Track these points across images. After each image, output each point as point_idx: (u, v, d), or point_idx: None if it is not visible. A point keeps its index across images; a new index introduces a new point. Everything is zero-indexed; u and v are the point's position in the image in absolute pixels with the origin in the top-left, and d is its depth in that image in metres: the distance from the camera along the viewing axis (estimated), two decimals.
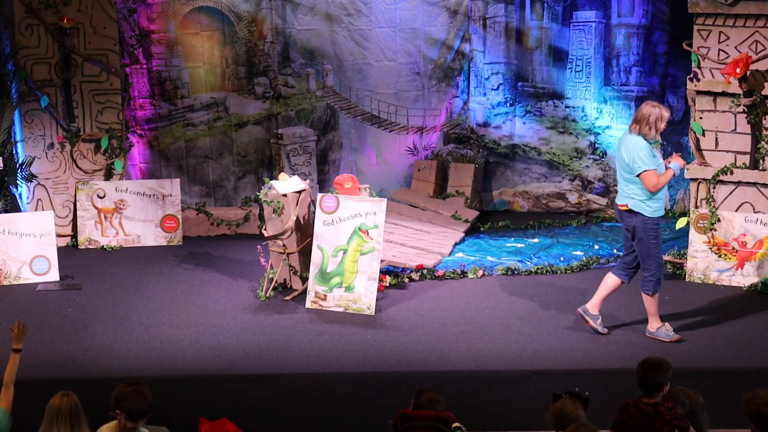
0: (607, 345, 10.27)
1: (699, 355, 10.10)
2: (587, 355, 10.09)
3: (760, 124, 11.38)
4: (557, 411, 7.37)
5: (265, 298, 11.29)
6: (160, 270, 12.21)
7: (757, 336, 10.43)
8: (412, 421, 7.63)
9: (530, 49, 13.88)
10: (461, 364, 9.96)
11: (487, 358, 10.06)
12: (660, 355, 10.04)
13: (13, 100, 12.58)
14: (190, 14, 13.42)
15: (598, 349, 10.19)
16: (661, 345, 10.25)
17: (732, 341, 10.34)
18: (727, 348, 10.22)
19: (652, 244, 10.06)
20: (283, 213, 11.25)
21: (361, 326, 10.68)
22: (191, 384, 9.73)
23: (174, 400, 9.16)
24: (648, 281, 10.16)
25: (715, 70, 11.51)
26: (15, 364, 7.95)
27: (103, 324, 10.82)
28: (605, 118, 13.74)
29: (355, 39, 13.75)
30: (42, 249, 11.89)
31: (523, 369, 9.89)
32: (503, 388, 9.78)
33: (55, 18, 12.55)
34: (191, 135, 13.65)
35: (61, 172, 12.93)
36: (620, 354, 10.09)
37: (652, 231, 10.04)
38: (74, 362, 10.01)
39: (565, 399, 7.49)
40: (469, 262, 12.15)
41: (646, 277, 10.16)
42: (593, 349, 10.20)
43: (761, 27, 11.29)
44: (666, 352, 10.11)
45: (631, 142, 9.95)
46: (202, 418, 8.11)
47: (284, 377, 9.88)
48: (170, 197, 12.99)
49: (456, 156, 14.05)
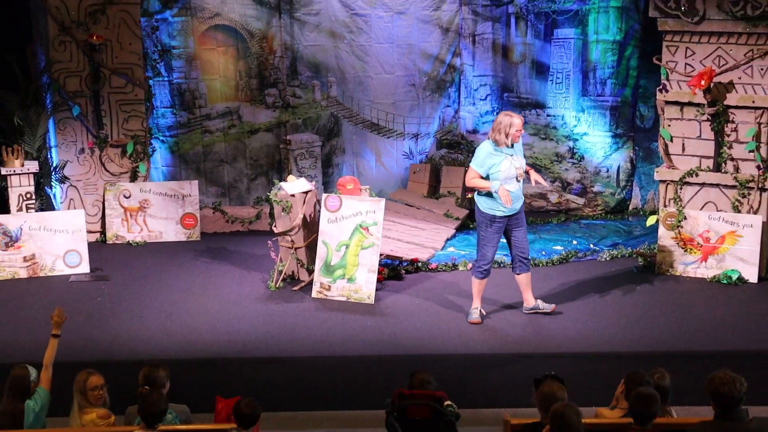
0: (584, 331, 10.29)
1: (667, 339, 10.12)
2: (566, 340, 10.11)
3: (723, 131, 11.40)
4: (546, 393, 7.35)
5: (275, 288, 11.32)
6: (180, 263, 12.22)
7: (719, 322, 10.45)
8: (408, 400, 7.64)
9: (515, 63, 13.89)
10: (452, 348, 9.98)
11: (475, 342, 10.08)
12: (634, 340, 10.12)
13: (48, 110, 12.61)
14: (207, 32, 13.43)
15: (576, 335, 10.20)
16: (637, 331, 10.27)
17: (696, 327, 10.35)
18: (692, 333, 10.23)
19: (483, 235, 10.12)
20: (292, 211, 11.26)
21: (362, 314, 10.70)
22: (208, 366, 9.75)
23: (193, 381, 9.18)
24: (474, 267, 10.35)
25: (682, 82, 11.51)
26: (54, 348, 7.99)
27: (129, 311, 10.84)
28: (583, 126, 13.75)
29: (357, 54, 13.76)
30: (74, 244, 11.91)
31: (508, 353, 9.91)
32: (490, 369, 9.80)
33: (86, 35, 12.55)
34: (208, 141, 13.66)
35: (91, 174, 12.93)
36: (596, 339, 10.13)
37: (483, 223, 10.07)
38: (103, 346, 10.03)
39: (552, 382, 7.50)
40: (459, 256, 12.18)
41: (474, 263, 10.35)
42: (571, 335, 10.22)
43: (723, 43, 11.30)
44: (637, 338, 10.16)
45: (480, 144, 10.17)
46: (218, 397, 8.16)
47: (292, 360, 9.90)
48: (189, 197, 13.01)
49: (448, 160, 14.07)
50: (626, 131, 13.65)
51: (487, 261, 10.19)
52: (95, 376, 7.83)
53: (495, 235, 10.08)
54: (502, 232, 10.11)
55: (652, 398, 7.35)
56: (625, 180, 13.76)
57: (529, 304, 10.50)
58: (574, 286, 11.34)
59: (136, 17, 12.78)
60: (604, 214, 13.69)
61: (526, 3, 13.61)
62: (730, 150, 11.38)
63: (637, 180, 13.76)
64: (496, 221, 10.00)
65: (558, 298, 10.85)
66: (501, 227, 10.07)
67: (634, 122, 13.66)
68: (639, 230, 12.87)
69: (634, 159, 13.70)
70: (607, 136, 13.70)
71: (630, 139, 13.68)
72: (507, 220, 10.04)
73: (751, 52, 11.23)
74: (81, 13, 12.54)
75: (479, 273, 10.26)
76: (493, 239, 10.10)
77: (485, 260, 10.19)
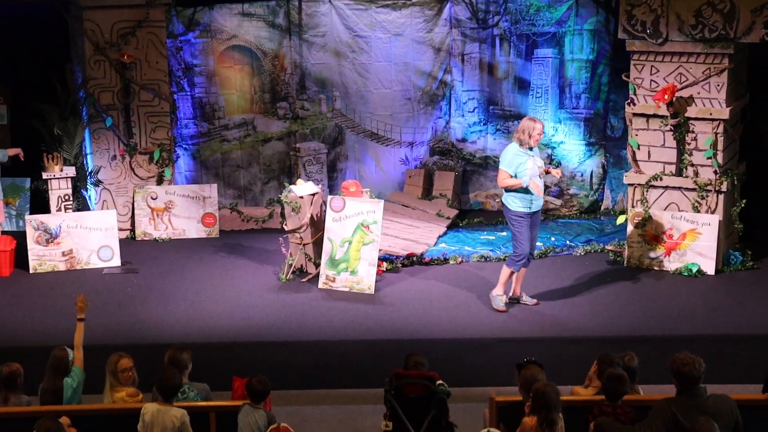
0: (560, 318, 10.30)
1: (634, 325, 10.14)
2: (545, 325, 10.14)
3: (684, 140, 11.40)
4: (527, 376, 7.37)
5: (285, 280, 11.33)
6: (200, 257, 12.23)
7: (681, 310, 10.48)
8: (404, 379, 7.66)
9: (499, 79, 13.86)
10: (443, 333, 10.00)
11: (464, 328, 10.10)
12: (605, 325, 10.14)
13: (84, 121, 12.61)
14: (225, 51, 13.42)
15: (553, 321, 10.22)
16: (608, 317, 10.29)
17: (660, 314, 10.38)
18: (656, 319, 10.26)
19: (517, 232, 10.14)
20: (300, 211, 11.27)
21: (363, 303, 10.71)
22: (226, 349, 9.78)
23: (212, 362, 9.20)
24: (510, 259, 10.30)
25: (647, 96, 11.51)
26: (81, 331, 8.01)
27: (155, 300, 10.86)
28: (560, 135, 13.73)
29: (358, 71, 13.74)
30: (107, 240, 11.92)
31: (493, 337, 9.94)
32: (477, 352, 9.83)
33: (118, 55, 12.55)
34: (226, 148, 13.64)
35: (122, 178, 12.92)
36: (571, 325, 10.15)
37: (515, 221, 10.10)
38: (133, 331, 10.06)
39: (533, 366, 7.51)
40: (450, 251, 12.17)
41: (512, 256, 10.31)
42: (549, 321, 10.24)
43: (684, 62, 11.30)
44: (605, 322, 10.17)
45: (506, 147, 10.21)
46: (235, 377, 8.17)
47: (301, 344, 9.92)
48: (209, 199, 13.01)
49: (440, 165, 14.05)
50: (598, 140, 13.65)
51: (525, 255, 10.24)
52: (125, 359, 7.86)
53: (527, 230, 10.16)
54: (530, 226, 10.17)
55: (621, 378, 7.37)
56: (598, 183, 13.75)
57: (516, 294, 10.52)
58: (552, 278, 11.36)
59: (163, 39, 12.78)
60: (579, 214, 13.68)
61: (509, 26, 13.60)
62: (691, 157, 11.39)
63: (608, 183, 13.75)
64: (526, 218, 10.10)
65: (537, 288, 10.87)
66: (529, 223, 10.16)
67: (605, 132, 13.65)
68: (610, 228, 12.87)
69: (606, 165, 13.70)
70: (581, 145, 13.69)
71: (602, 147, 13.67)
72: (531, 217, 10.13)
73: (708, 70, 11.23)
74: (113, 35, 12.55)
75: (516, 266, 10.25)
76: (526, 234, 10.17)
77: (523, 254, 10.22)
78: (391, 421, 7.62)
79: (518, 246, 10.20)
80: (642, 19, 11.32)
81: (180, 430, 7.24)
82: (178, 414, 7.27)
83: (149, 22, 12.65)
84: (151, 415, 7.27)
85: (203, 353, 8.84)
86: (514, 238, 10.27)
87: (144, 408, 7.34)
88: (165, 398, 7.33)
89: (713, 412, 6.88)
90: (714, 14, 11.05)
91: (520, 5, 13.51)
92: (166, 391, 7.33)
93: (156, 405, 7.32)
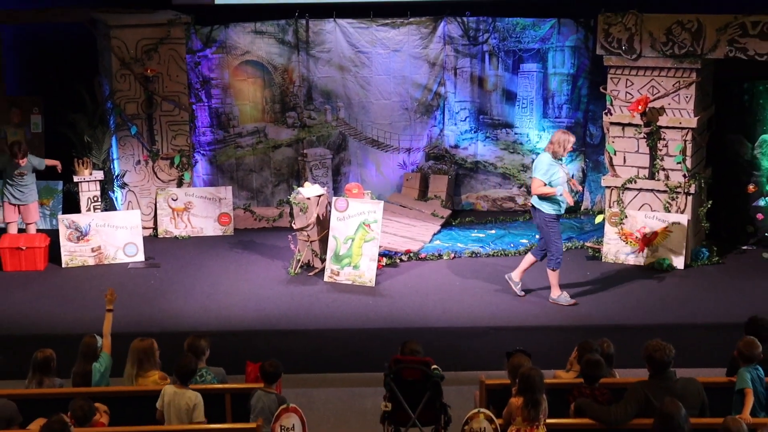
0: (544, 308, 10.31)
1: (611, 314, 10.15)
2: (530, 315, 10.15)
3: (656, 147, 11.42)
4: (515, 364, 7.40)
5: (294, 273, 11.34)
6: (217, 253, 12.23)
7: (653, 301, 10.49)
8: (401, 364, 7.66)
9: (489, 91, 13.86)
10: (438, 322, 10.01)
11: (456, 317, 10.11)
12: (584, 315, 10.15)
13: (111, 129, 12.60)
14: (239, 66, 13.42)
15: (538, 311, 10.23)
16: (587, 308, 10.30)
17: (634, 305, 10.39)
18: (631, 310, 10.28)
19: (551, 233, 10.13)
20: (308, 211, 11.28)
21: (364, 295, 10.72)
22: (240, 336, 9.79)
23: (228, 349, 9.21)
24: (550, 259, 10.25)
25: (623, 107, 11.53)
26: (110, 320, 8.02)
27: (175, 292, 10.87)
28: (543, 142, 13.71)
29: (360, 84, 13.74)
30: (132, 237, 11.93)
31: (483, 326, 9.95)
32: (468, 339, 9.83)
33: (141, 69, 12.56)
34: (240, 154, 13.65)
35: (146, 181, 12.93)
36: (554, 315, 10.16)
37: (550, 223, 10.10)
38: (155, 320, 10.07)
39: (520, 355, 7.54)
40: (444, 248, 12.19)
41: (549, 255, 10.26)
42: (534, 311, 10.24)
43: (656, 76, 11.32)
44: (585, 313, 10.19)
45: (539, 157, 10.19)
46: (248, 362, 8.19)
47: (308, 332, 9.93)
48: (224, 200, 13.02)
49: (434, 169, 14.05)
50: (578, 147, 13.63)
51: (561, 253, 10.26)
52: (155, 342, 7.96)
53: (559, 230, 10.22)
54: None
55: (598, 363, 7.39)
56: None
57: (516, 278, 10.54)
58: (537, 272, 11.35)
59: (182, 54, 12.79)
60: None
61: (498, 43, 13.61)
62: (662, 162, 11.41)
63: (588, 186, 13.76)
64: (557, 220, 10.16)
65: (523, 280, 10.87)
66: (559, 223, 10.25)
67: (585, 139, 13.66)
68: (589, 227, 12.88)
69: (585, 169, 13.71)
70: None
71: (582, 152, 13.68)
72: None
73: (677, 83, 11.26)
74: (138, 52, 12.56)
75: (557, 264, 10.23)
76: (559, 234, 10.23)
77: (560, 253, 10.23)
78: (390, 402, 7.63)
79: (554, 245, 10.18)
80: (618, 36, 11.34)
81: (193, 411, 7.27)
82: (193, 396, 7.31)
83: (170, 40, 12.66)
84: (169, 397, 7.32)
85: (219, 340, 8.84)
86: (549, 240, 10.19)
87: (164, 389, 7.38)
88: (182, 382, 7.36)
89: (682, 393, 6.91)
90: (683, 33, 11.07)
91: (507, 24, 13.53)
92: (182, 375, 7.37)
93: (174, 387, 7.36)
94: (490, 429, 7.03)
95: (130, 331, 9.20)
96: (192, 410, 7.26)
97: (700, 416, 6.96)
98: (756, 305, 9.90)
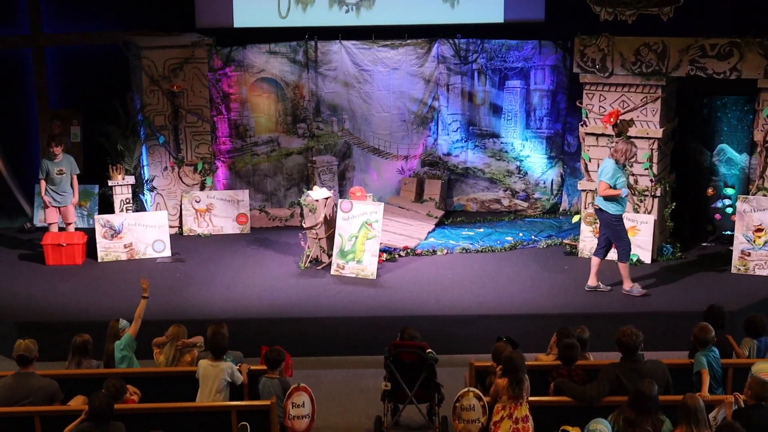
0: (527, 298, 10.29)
1: (586, 304, 10.14)
2: (515, 304, 10.13)
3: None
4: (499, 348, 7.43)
5: (304, 267, 11.34)
6: (235, 249, 12.22)
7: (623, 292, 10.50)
8: (400, 348, 7.69)
9: (478, 105, 13.85)
10: (432, 311, 10.00)
11: (449, 307, 10.11)
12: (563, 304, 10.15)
13: (142, 139, 12.61)
14: (255, 82, 13.42)
15: (522, 301, 10.21)
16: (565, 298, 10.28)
17: (607, 295, 10.37)
18: (604, 299, 10.26)
19: (619, 230, 10.11)
20: (316, 212, 11.28)
21: (367, 286, 10.72)
22: (256, 323, 9.78)
23: (245, 334, 9.20)
24: (621, 254, 10.20)
25: (597, 119, 11.52)
26: (143, 306, 8.06)
27: (199, 284, 10.87)
28: (526, 150, 13.72)
29: (363, 98, 13.73)
30: (160, 235, 11.94)
31: (472, 314, 9.95)
32: (459, 326, 9.84)
33: (169, 85, 12.56)
34: (256, 161, 13.64)
35: (172, 185, 12.92)
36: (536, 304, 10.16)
37: (616, 222, 10.08)
38: (181, 309, 10.07)
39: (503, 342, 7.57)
40: (437, 245, 12.17)
41: (619, 251, 10.20)
42: (518, 301, 10.23)
43: (626, 92, 11.31)
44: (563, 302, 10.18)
45: (604, 162, 10.18)
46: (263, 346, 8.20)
47: (317, 320, 9.93)
48: (242, 202, 13.02)
49: (429, 174, 14.03)
50: (557, 154, 13.66)
51: (630, 246, 10.21)
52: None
53: (624, 227, 10.18)
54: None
55: (574, 346, 7.42)
56: (557, 189, 13.76)
57: (593, 284, 10.41)
58: (520, 266, 11.38)
59: (205, 72, 12.79)
60: (542, 214, 13.68)
61: (486, 62, 13.60)
62: (631, 168, 11.39)
63: (566, 189, 13.75)
64: (621, 218, 10.13)
65: (508, 275, 10.88)
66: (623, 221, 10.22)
67: (563, 148, 13.65)
68: (567, 226, 12.86)
69: (563, 174, 13.71)
70: (544, 158, 13.70)
71: (560, 160, 13.67)
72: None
73: (645, 98, 11.25)
74: (165, 70, 12.56)
75: (626, 257, 10.18)
76: (625, 230, 10.20)
77: (629, 247, 10.20)
78: (389, 382, 7.66)
79: (623, 241, 10.13)
80: (592, 56, 11.35)
81: (231, 377, 7.46)
82: (226, 366, 7.46)
83: (194, 59, 12.66)
84: (204, 369, 7.46)
85: (237, 327, 8.85)
86: (617, 237, 10.11)
87: (199, 364, 7.55)
88: (216, 356, 7.46)
89: (649, 374, 6.94)
90: (650, 53, 11.08)
91: (494, 45, 13.53)
92: (216, 350, 7.48)
93: (208, 361, 7.46)
94: (479, 406, 7.06)
95: (159, 318, 9.23)
96: (233, 374, 7.45)
97: (665, 394, 6.98)
98: (714, 295, 9.90)
